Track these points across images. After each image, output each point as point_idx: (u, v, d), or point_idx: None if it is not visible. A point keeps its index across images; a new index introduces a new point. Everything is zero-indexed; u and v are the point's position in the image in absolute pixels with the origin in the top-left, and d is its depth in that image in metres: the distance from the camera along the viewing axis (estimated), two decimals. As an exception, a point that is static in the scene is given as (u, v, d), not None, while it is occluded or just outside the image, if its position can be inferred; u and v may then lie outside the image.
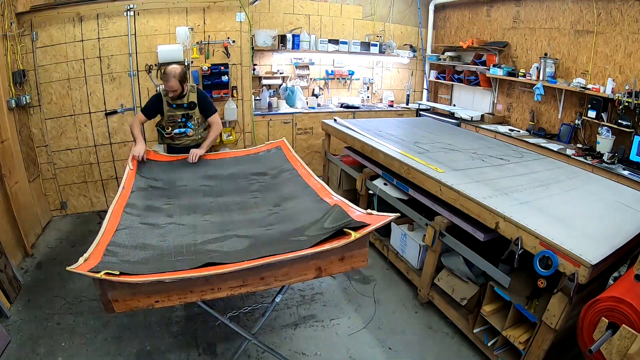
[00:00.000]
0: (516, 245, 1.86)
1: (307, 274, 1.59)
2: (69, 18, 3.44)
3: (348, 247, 1.59)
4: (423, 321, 2.58)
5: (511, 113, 4.88)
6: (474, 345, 2.32)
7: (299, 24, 5.00)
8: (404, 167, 2.75)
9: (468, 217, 2.24)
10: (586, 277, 1.58)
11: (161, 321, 2.46)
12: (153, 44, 3.75)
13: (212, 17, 3.93)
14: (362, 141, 3.35)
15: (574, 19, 3.99)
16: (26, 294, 2.64)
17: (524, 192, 2.28)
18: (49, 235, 3.47)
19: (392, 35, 5.59)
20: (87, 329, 2.35)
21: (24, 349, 2.18)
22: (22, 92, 3.31)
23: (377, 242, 3.27)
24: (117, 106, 3.80)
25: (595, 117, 3.66)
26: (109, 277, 1.27)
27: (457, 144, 3.34)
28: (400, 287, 2.94)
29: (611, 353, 1.40)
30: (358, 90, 5.64)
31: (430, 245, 2.51)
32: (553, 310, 1.76)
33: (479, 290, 2.34)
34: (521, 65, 4.56)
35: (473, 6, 5.25)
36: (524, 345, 1.97)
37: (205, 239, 1.78)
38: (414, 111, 5.58)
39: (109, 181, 3.96)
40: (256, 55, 4.78)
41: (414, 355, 2.30)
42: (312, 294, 2.80)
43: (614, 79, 3.56)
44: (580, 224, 1.94)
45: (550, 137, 4.22)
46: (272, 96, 4.94)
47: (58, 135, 3.66)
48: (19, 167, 3.17)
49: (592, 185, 2.58)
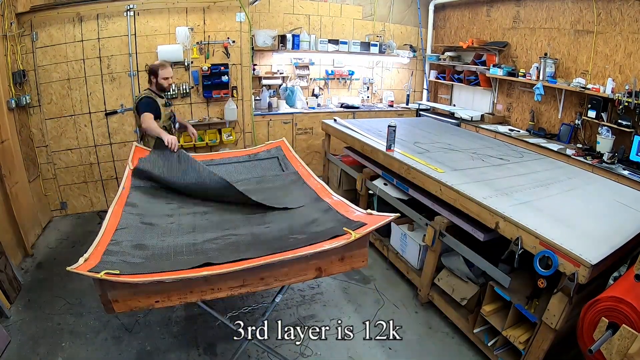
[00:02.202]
0: (516, 245, 1.86)
1: (307, 274, 1.59)
2: (69, 18, 3.44)
3: (348, 247, 1.59)
4: (423, 321, 2.58)
5: (511, 113, 4.88)
6: (474, 345, 2.32)
7: (299, 24, 5.00)
8: (404, 167, 2.75)
9: (468, 217, 2.24)
10: (586, 277, 1.58)
11: (161, 321, 2.46)
12: (153, 44, 3.75)
13: (212, 17, 3.93)
14: (362, 141, 3.35)
15: (573, 18, 3.99)
16: (26, 294, 2.64)
17: (524, 192, 2.28)
18: (49, 236, 3.47)
19: (392, 35, 5.59)
20: (87, 329, 2.35)
21: (24, 349, 2.18)
22: (22, 93, 3.31)
23: (377, 242, 3.27)
24: (117, 106, 3.80)
25: (595, 117, 3.66)
26: (109, 277, 1.27)
27: (457, 144, 3.34)
28: (400, 287, 2.94)
29: (611, 353, 1.40)
30: (358, 90, 5.64)
31: (430, 245, 2.51)
32: (553, 310, 1.76)
33: (479, 290, 2.34)
34: (521, 65, 4.56)
35: (473, 6, 5.24)
36: (524, 345, 1.97)
37: (204, 238, 1.79)
38: (413, 111, 5.58)
39: (109, 181, 3.96)
40: (256, 55, 4.78)
41: (414, 355, 2.30)
42: (312, 294, 2.80)
43: (614, 79, 3.56)
44: (580, 224, 1.94)
45: (550, 137, 4.21)
46: (272, 96, 4.94)
47: (58, 135, 3.66)
48: (19, 167, 3.17)
49: (592, 185, 2.58)
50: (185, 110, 4.10)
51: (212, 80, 4.05)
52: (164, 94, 2.94)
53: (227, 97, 4.19)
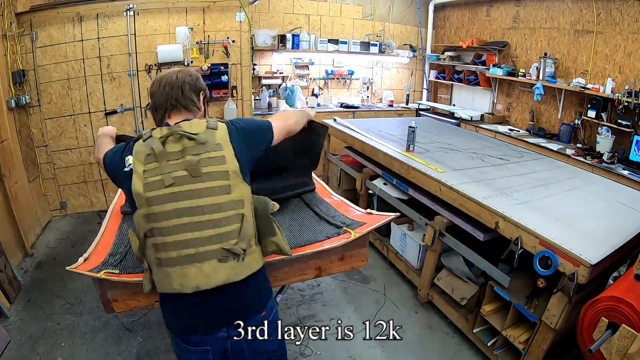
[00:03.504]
0: (516, 245, 1.86)
1: (307, 273, 1.59)
2: (69, 18, 3.44)
3: (348, 246, 1.59)
4: (423, 321, 2.58)
5: (511, 113, 4.88)
6: (473, 345, 2.32)
7: (299, 24, 5.00)
8: (404, 167, 2.75)
9: (468, 217, 2.24)
10: (586, 276, 1.58)
11: (161, 321, 2.45)
12: (153, 43, 3.74)
13: (212, 17, 3.93)
14: (362, 141, 3.35)
15: (573, 18, 3.99)
16: (26, 294, 2.64)
17: (524, 192, 2.28)
18: (49, 235, 3.47)
19: (391, 35, 5.59)
20: (87, 329, 2.35)
21: (24, 349, 2.17)
22: (21, 92, 3.30)
23: (377, 242, 3.27)
24: (117, 106, 3.80)
25: (595, 116, 3.66)
26: (109, 277, 1.27)
27: (457, 144, 3.34)
28: (400, 287, 2.94)
29: (611, 353, 1.40)
30: (358, 90, 5.64)
31: (430, 245, 2.51)
32: (553, 310, 1.76)
33: (478, 290, 2.34)
34: (521, 65, 4.56)
35: (473, 6, 5.24)
36: (523, 345, 1.97)
37: None
38: (413, 111, 5.58)
39: (108, 181, 3.94)
40: (256, 55, 4.78)
41: (414, 355, 2.30)
42: (312, 294, 2.80)
43: (614, 79, 3.56)
44: (580, 223, 1.94)
45: (550, 137, 4.22)
46: (271, 96, 4.94)
47: (58, 135, 3.66)
48: (19, 167, 3.17)
49: (591, 185, 2.58)
50: (185, 110, 4.10)
51: (212, 80, 4.05)
52: None
53: (226, 97, 4.19)
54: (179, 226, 1.08)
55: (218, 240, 1.10)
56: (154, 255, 1.11)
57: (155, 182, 1.09)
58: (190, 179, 1.10)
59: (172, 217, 1.08)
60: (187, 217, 1.08)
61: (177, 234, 1.08)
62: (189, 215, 1.09)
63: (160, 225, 1.09)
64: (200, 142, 1.12)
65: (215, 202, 1.10)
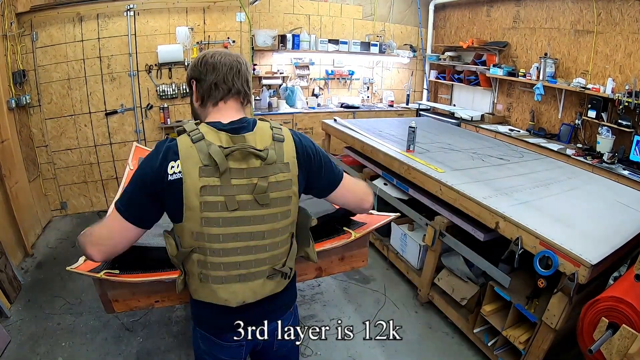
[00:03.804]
0: (516, 245, 1.86)
1: (307, 273, 1.59)
2: (69, 18, 3.44)
3: (348, 246, 1.59)
4: (423, 321, 2.58)
5: (511, 113, 4.88)
6: (474, 345, 2.32)
7: (299, 24, 5.00)
8: (404, 167, 2.75)
9: (468, 217, 2.24)
10: (586, 277, 1.58)
11: (161, 321, 2.45)
12: (153, 44, 3.75)
13: (212, 17, 3.93)
14: (362, 141, 3.35)
15: (574, 18, 3.99)
16: (26, 294, 2.64)
17: (524, 192, 2.28)
18: (49, 235, 3.47)
19: (392, 35, 5.59)
20: (87, 329, 2.35)
21: (24, 349, 2.18)
22: (22, 92, 3.31)
23: (377, 242, 3.27)
24: (117, 106, 3.80)
25: (595, 117, 3.66)
26: (109, 277, 1.27)
27: (457, 144, 3.34)
28: (400, 287, 2.94)
29: (611, 353, 1.40)
30: (358, 90, 5.64)
31: (430, 245, 2.51)
32: (553, 310, 1.76)
33: (479, 290, 2.34)
34: (521, 65, 4.56)
35: (473, 6, 5.25)
36: (524, 345, 1.97)
37: None
38: (414, 111, 5.58)
39: (109, 181, 3.96)
40: (256, 55, 4.78)
41: (414, 355, 2.29)
42: (312, 294, 2.80)
43: (614, 79, 3.56)
44: (580, 224, 1.94)
45: (550, 137, 4.21)
46: (272, 96, 4.95)
47: (58, 135, 3.66)
48: (19, 167, 3.17)
49: (592, 185, 2.58)
50: (185, 110, 4.09)
51: (212, 80, 4.05)
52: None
53: (227, 97, 4.19)
54: (234, 249, 1.00)
55: (270, 262, 1.06)
56: (197, 270, 1.03)
57: (215, 202, 0.96)
58: (256, 205, 0.99)
59: (228, 241, 0.99)
60: (244, 242, 1.01)
61: (230, 256, 1.01)
62: (247, 240, 1.01)
63: (213, 247, 0.99)
64: (269, 162, 0.99)
65: (275, 228, 1.04)
